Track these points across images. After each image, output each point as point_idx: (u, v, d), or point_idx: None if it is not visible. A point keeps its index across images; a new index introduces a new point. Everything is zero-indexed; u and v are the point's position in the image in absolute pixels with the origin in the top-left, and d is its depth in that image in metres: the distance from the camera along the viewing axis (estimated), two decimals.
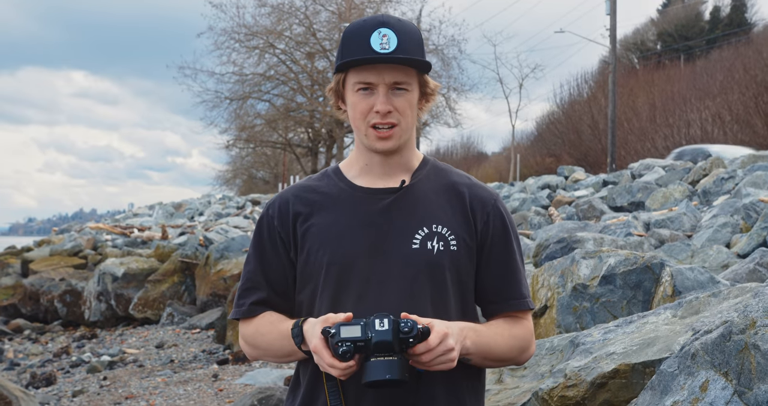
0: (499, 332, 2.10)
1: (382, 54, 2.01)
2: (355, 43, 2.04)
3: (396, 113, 2.07)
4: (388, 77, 2.04)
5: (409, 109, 2.09)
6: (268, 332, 2.13)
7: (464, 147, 60.65)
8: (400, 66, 2.05)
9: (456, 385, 2.11)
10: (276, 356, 2.13)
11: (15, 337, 15.34)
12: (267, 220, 2.20)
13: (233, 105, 40.32)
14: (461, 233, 2.12)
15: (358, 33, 2.05)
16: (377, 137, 2.08)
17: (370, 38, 2.02)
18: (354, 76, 2.07)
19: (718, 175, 13.84)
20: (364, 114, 2.08)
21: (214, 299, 14.06)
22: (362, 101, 2.07)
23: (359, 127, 2.10)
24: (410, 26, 2.08)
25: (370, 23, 2.05)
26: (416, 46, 2.06)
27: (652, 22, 50.86)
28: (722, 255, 7.54)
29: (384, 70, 2.04)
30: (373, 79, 2.05)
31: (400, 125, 2.08)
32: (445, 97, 39.53)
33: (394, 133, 2.08)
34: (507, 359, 2.16)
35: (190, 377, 9.44)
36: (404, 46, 2.03)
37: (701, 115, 31.49)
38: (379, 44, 2.02)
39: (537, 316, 5.41)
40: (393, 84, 2.05)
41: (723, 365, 2.35)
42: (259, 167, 62.81)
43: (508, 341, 2.11)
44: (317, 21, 39.45)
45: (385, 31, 2.03)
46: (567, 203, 16.72)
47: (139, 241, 21.58)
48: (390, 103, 2.05)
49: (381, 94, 2.05)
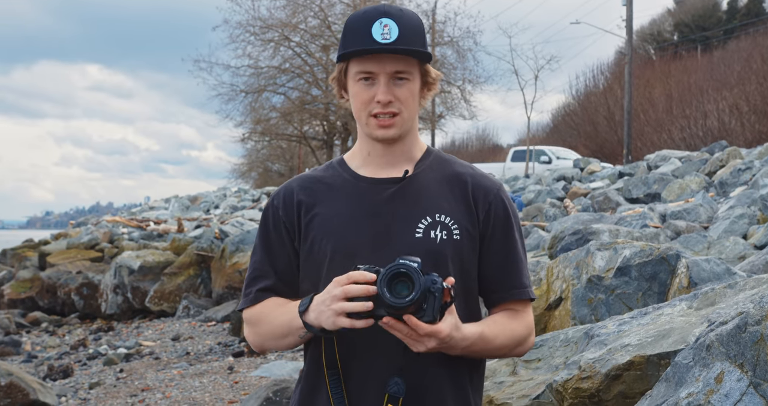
0: (496, 332, 2.09)
1: (383, 44, 2.02)
2: (357, 32, 2.05)
3: (397, 102, 2.07)
4: (389, 67, 2.05)
5: (411, 98, 2.09)
6: (270, 310, 2.13)
7: (479, 139, 60.54)
8: (401, 56, 2.05)
9: (461, 375, 2.11)
10: (275, 336, 2.12)
11: (33, 329, 15.45)
12: (272, 210, 2.22)
13: (248, 98, 40.37)
14: (464, 223, 2.12)
15: (360, 23, 2.06)
16: (378, 125, 2.09)
17: (371, 28, 2.03)
18: (355, 66, 2.08)
19: (735, 166, 13.75)
20: (365, 103, 2.08)
21: (229, 291, 14.11)
22: (363, 91, 2.08)
23: (360, 116, 2.11)
24: (412, 16, 2.08)
25: (372, 13, 2.05)
26: (418, 36, 2.07)
27: (669, 12, 50.52)
28: (739, 246, 7.49)
29: (385, 59, 2.04)
30: (374, 69, 2.05)
31: (402, 114, 2.09)
32: (460, 89, 39.40)
33: (395, 122, 2.09)
34: (501, 355, 2.19)
35: (206, 370, 9.48)
36: (405, 36, 2.04)
37: (718, 106, 31.24)
38: (380, 34, 2.02)
39: (552, 308, 5.39)
40: (394, 73, 2.06)
41: (738, 356, 2.33)
42: (274, 160, 62.90)
43: (503, 340, 2.11)
44: (332, 13, 39.40)
45: (386, 21, 2.03)
46: (582, 194, 16.66)
47: (155, 234, 21.66)
48: (391, 93, 2.06)
49: (382, 83, 2.06)
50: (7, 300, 17.58)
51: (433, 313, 1.88)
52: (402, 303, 1.85)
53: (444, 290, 1.89)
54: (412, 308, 1.87)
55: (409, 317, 1.86)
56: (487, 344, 2.06)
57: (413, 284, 1.86)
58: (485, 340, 2.04)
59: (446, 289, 1.89)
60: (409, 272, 1.86)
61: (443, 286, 1.89)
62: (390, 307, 1.87)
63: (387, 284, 1.87)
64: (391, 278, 1.88)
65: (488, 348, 2.08)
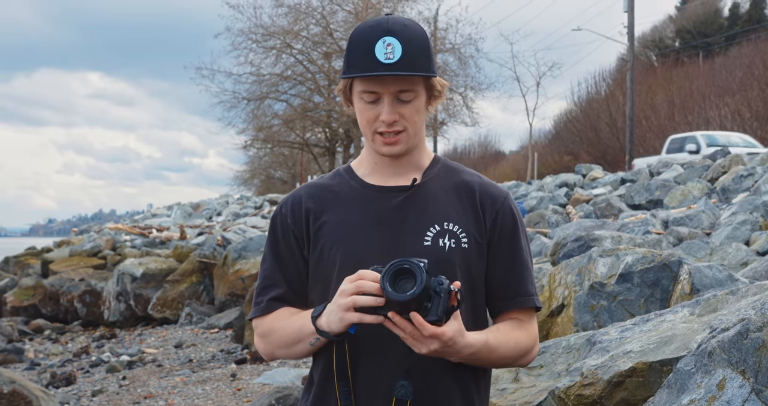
0: (500, 340, 2.08)
1: (386, 64, 2.00)
2: (360, 52, 2.03)
3: (402, 121, 2.07)
4: (393, 87, 2.04)
5: (416, 115, 2.09)
6: (283, 319, 2.13)
7: (482, 146, 60.62)
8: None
9: (467, 380, 2.11)
10: (286, 344, 2.11)
11: (35, 337, 15.45)
12: (280, 218, 2.21)
13: (251, 105, 40.48)
14: (472, 231, 2.12)
15: (363, 41, 2.03)
16: (384, 143, 2.09)
17: (374, 48, 2.01)
18: (359, 85, 2.07)
19: (737, 172, 13.74)
20: (370, 122, 2.08)
21: (232, 298, 14.10)
22: (368, 110, 2.07)
23: (366, 133, 2.12)
24: (416, 32, 2.06)
25: (376, 31, 2.03)
26: (422, 52, 2.05)
27: (671, 19, 50.59)
28: (741, 253, 7.48)
29: (388, 80, 2.03)
30: (378, 89, 2.04)
31: (407, 131, 2.09)
32: (462, 96, 39.46)
33: (400, 139, 2.09)
34: (504, 365, 2.17)
35: (209, 377, 9.47)
36: (409, 55, 2.01)
37: (720, 113, 31.28)
38: (383, 54, 2.00)
39: (554, 315, 5.39)
40: (398, 92, 2.05)
41: (740, 363, 2.33)
42: (276, 167, 63.03)
43: (507, 350, 2.10)
44: (334, 21, 39.48)
45: (389, 40, 2.01)
46: (585, 201, 16.65)
47: (157, 241, 21.68)
48: (395, 112, 2.05)
49: (386, 103, 2.05)
50: (9, 308, 17.59)
51: (437, 313, 1.86)
52: (403, 297, 1.83)
53: (450, 293, 1.87)
54: (414, 304, 1.85)
55: (415, 315, 1.85)
56: (490, 353, 2.04)
57: (416, 280, 1.84)
58: (489, 348, 2.03)
59: (453, 292, 1.87)
60: (412, 268, 1.85)
61: (450, 288, 1.87)
62: (391, 301, 1.85)
63: (390, 280, 1.85)
64: (394, 273, 1.86)
65: (492, 357, 2.07)
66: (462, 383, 2.10)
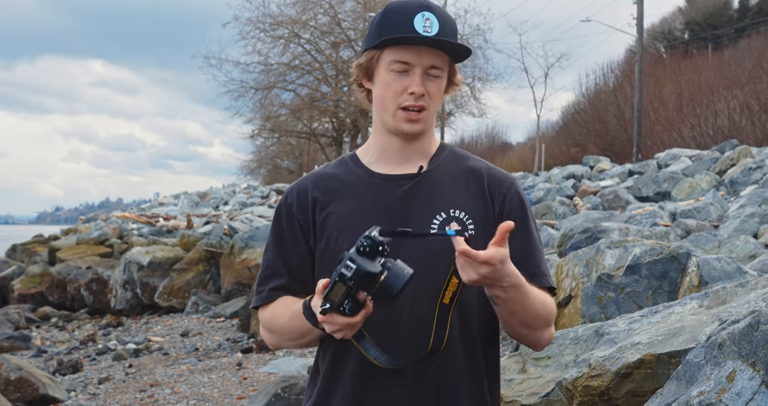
0: (535, 292, 2.02)
1: (425, 37, 2.01)
2: (398, 22, 2.04)
3: (427, 97, 2.07)
4: (427, 60, 2.05)
5: (439, 94, 2.10)
6: (281, 314, 2.12)
7: (489, 137, 60.47)
8: (437, 51, 2.05)
9: (477, 370, 2.11)
10: (292, 338, 2.11)
11: (42, 324, 15.51)
12: (286, 208, 2.20)
13: (258, 95, 40.50)
14: (479, 218, 2.10)
15: (402, 13, 2.05)
16: (406, 119, 2.08)
17: (413, 19, 2.03)
18: (391, 55, 2.06)
19: (745, 165, 13.70)
20: (396, 94, 2.07)
21: (238, 287, 14.12)
22: (396, 81, 2.06)
23: (387, 107, 2.09)
24: (449, 14, 2.10)
25: (414, 5, 2.05)
26: (455, 33, 2.08)
27: (680, 10, 50.34)
28: (749, 245, 7.46)
29: (424, 52, 2.04)
30: (412, 60, 2.04)
31: (429, 110, 2.09)
32: (470, 87, 39.43)
33: (422, 117, 2.08)
34: (531, 325, 2.06)
35: (215, 366, 9.49)
36: (445, 32, 2.04)
37: (729, 105, 31.12)
38: (422, 27, 2.02)
39: (561, 306, 5.38)
40: (429, 67, 2.06)
41: (750, 355, 2.32)
42: (283, 157, 63.04)
43: (538, 306, 2.03)
44: (342, 11, 39.46)
45: (428, 15, 2.03)
46: (592, 192, 16.63)
47: (164, 230, 21.72)
48: (424, 86, 2.06)
49: (417, 75, 2.05)
50: (17, 295, 17.66)
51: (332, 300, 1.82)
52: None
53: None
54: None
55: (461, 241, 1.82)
56: (524, 299, 1.96)
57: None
58: (525, 291, 1.95)
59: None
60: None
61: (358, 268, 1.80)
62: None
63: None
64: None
65: (525, 304, 1.97)
66: (476, 381, 2.10)
